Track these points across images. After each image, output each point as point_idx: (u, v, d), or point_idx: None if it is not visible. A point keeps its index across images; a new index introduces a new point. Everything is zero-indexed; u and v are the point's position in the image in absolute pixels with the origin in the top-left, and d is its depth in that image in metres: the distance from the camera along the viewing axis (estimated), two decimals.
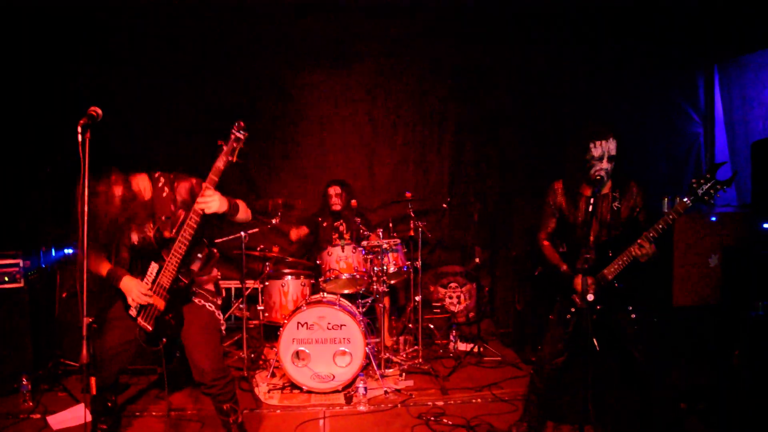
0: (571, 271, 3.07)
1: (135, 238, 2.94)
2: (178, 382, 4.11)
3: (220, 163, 2.73)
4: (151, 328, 2.90)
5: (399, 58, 5.98)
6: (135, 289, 2.87)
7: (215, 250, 3.18)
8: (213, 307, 3.10)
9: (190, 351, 2.96)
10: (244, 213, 3.03)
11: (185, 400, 4.03)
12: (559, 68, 5.84)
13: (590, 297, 2.74)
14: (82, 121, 2.30)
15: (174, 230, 2.87)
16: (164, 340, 2.91)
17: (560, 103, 5.81)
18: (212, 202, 2.74)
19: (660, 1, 5.32)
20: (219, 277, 3.23)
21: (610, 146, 2.90)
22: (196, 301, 3.04)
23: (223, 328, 3.14)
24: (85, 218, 2.28)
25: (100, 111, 2.36)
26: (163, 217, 2.91)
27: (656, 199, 4.54)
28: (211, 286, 3.14)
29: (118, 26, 5.35)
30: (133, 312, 2.92)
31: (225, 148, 2.74)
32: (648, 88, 5.95)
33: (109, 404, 3.18)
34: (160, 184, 2.97)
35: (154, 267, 2.89)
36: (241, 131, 2.73)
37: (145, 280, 2.90)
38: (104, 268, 2.95)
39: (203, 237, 3.07)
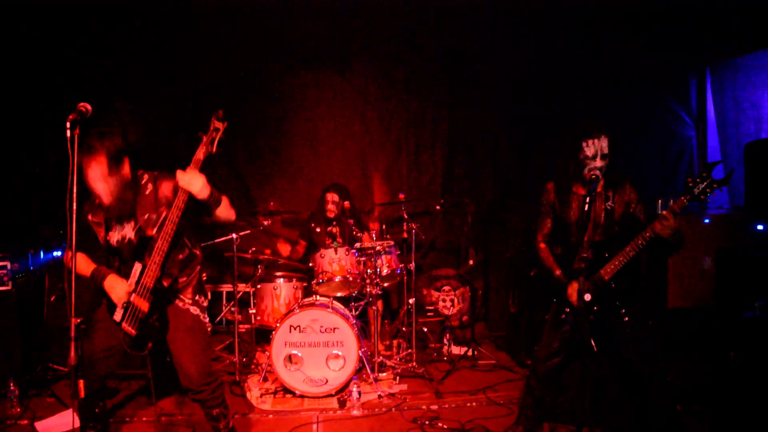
0: (565, 276, 3.05)
1: (116, 237, 2.87)
2: (168, 388, 4.03)
3: (200, 154, 2.69)
4: (135, 332, 2.80)
5: (392, 60, 5.97)
6: (118, 288, 2.79)
7: (197, 252, 3.08)
8: (197, 309, 3.01)
9: (176, 356, 2.89)
10: (225, 210, 2.85)
11: (175, 405, 3.96)
12: (552, 71, 5.85)
13: (587, 297, 2.72)
14: (71, 117, 2.25)
15: (156, 228, 2.80)
16: (149, 344, 2.82)
17: (553, 106, 5.80)
18: (194, 179, 2.62)
19: (652, 4, 5.34)
20: (204, 278, 3.14)
21: (603, 144, 2.91)
22: (180, 304, 2.95)
23: (209, 330, 3.06)
24: (74, 216, 2.23)
25: (89, 107, 2.32)
26: (146, 215, 2.84)
27: (650, 202, 4.54)
28: (194, 289, 3.04)
29: (109, 25, 5.30)
30: (117, 317, 2.82)
31: (204, 138, 2.69)
32: (640, 90, 5.96)
33: (98, 410, 3.11)
34: (143, 182, 2.91)
35: (137, 267, 2.80)
36: (219, 120, 2.69)
37: (129, 281, 2.82)
38: (89, 267, 2.88)
39: (184, 237, 2.98)
